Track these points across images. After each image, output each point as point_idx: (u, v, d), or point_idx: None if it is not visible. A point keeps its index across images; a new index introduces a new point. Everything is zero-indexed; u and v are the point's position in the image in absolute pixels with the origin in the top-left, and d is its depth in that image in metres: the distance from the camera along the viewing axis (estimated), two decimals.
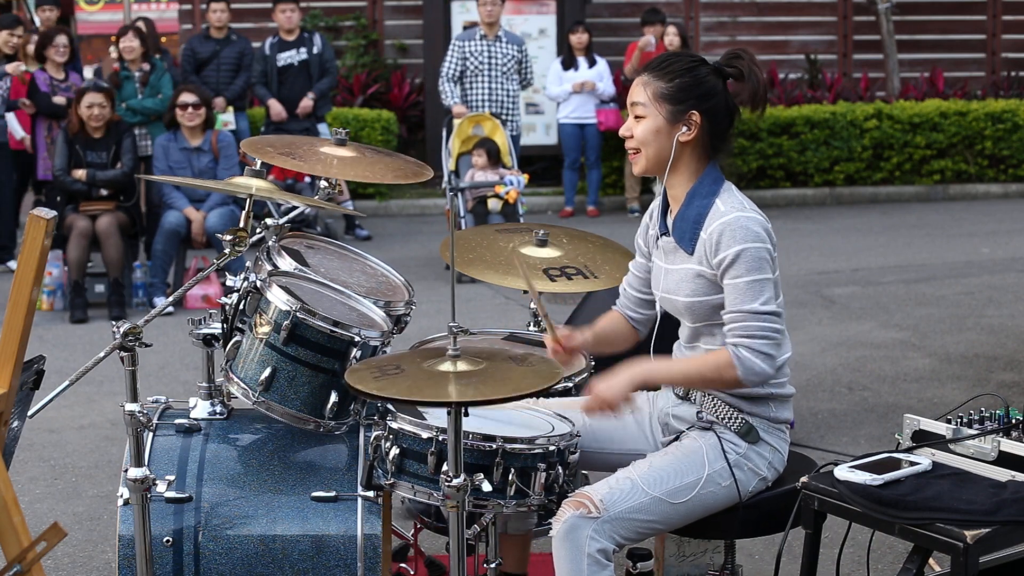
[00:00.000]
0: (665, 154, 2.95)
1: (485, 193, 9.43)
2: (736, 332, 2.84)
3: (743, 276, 2.83)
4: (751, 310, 2.83)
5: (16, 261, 4.93)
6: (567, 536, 2.80)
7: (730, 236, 2.84)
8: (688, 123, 2.92)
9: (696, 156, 2.96)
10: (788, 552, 3.29)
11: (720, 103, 2.94)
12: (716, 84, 2.94)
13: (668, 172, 2.98)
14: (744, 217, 2.86)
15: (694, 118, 2.91)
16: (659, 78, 2.94)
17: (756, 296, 2.83)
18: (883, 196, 12.75)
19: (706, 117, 2.92)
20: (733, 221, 2.85)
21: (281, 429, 3.19)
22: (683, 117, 2.92)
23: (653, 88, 2.93)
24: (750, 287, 2.83)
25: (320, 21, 13.75)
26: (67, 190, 8.30)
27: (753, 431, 2.95)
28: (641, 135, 2.95)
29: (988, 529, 2.56)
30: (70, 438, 5.58)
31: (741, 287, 2.84)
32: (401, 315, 3.33)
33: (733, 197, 2.93)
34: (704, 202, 2.92)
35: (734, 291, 2.85)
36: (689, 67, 2.94)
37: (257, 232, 3.30)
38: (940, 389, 6.08)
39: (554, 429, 3.01)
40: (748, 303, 2.83)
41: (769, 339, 2.83)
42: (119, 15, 14.99)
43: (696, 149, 2.95)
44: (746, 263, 2.83)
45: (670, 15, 12.88)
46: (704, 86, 2.93)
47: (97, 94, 8.33)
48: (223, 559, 3.02)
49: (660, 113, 2.93)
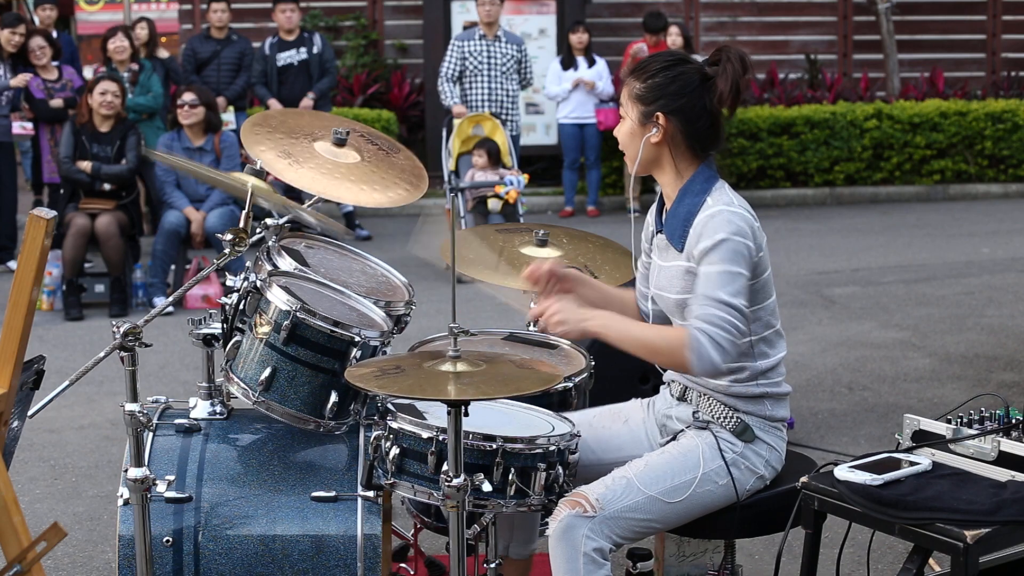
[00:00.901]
0: (643, 155, 2.96)
1: (485, 193, 9.43)
2: (698, 316, 2.78)
3: (716, 264, 2.80)
4: (717, 298, 2.77)
5: (16, 261, 4.94)
6: (563, 535, 2.80)
7: (713, 226, 2.83)
8: (655, 124, 2.91)
9: (679, 155, 2.94)
10: (788, 552, 3.29)
11: (694, 102, 2.90)
12: (689, 83, 2.90)
13: (656, 171, 2.99)
14: (729, 211, 2.85)
15: (659, 120, 2.90)
16: (637, 79, 2.95)
17: (725, 285, 2.78)
18: (883, 196, 12.75)
19: (676, 117, 2.90)
20: (718, 213, 2.85)
21: (281, 429, 3.20)
22: (651, 118, 2.92)
23: (630, 88, 2.96)
24: (721, 276, 2.79)
25: (320, 21, 13.75)
26: (71, 179, 8.32)
27: (749, 430, 2.94)
28: (621, 137, 3.00)
29: (988, 529, 2.56)
30: (70, 438, 5.58)
31: (712, 275, 2.80)
32: (401, 315, 3.33)
33: (724, 195, 2.91)
34: (695, 200, 2.91)
35: (705, 278, 2.81)
36: (664, 66, 2.92)
37: (257, 232, 3.30)
38: (940, 389, 6.08)
39: (554, 429, 3.02)
40: (715, 290, 2.78)
41: (728, 332, 2.77)
42: (119, 15, 14.96)
43: (677, 148, 2.94)
44: (722, 253, 2.80)
45: (670, 15, 12.88)
46: (674, 85, 2.90)
47: (111, 83, 8.39)
48: (223, 559, 3.02)
49: (631, 115, 2.95)
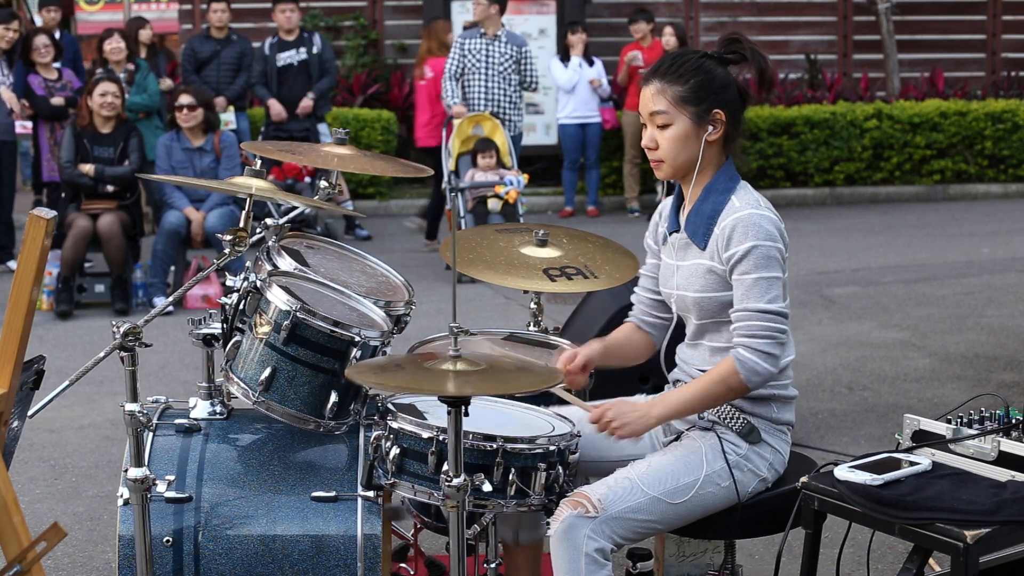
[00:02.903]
0: (694, 157, 2.93)
1: (485, 193, 9.42)
2: (740, 331, 2.84)
3: (751, 273, 2.83)
4: (757, 308, 2.82)
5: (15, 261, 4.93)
6: (565, 535, 2.80)
7: (742, 232, 2.84)
8: (714, 121, 2.91)
9: (717, 152, 2.96)
10: (788, 552, 3.29)
11: (734, 92, 2.94)
12: (726, 74, 2.94)
13: (689, 172, 2.96)
14: (758, 215, 2.86)
15: (719, 116, 2.91)
16: (674, 82, 2.91)
17: (763, 294, 2.82)
18: (883, 196, 12.76)
19: (727, 111, 2.92)
20: (747, 218, 2.85)
21: (281, 429, 3.19)
22: (708, 116, 2.91)
23: (671, 93, 2.90)
24: (757, 284, 2.82)
25: (320, 21, 13.75)
26: (73, 183, 8.31)
27: (755, 431, 2.95)
28: (669, 144, 2.92)
29: (988, 529, 2.56)
30: (70, 438, 5.58)
31: (748, 283, 2.83)
32: (401, 315, 3.33)
33: (749, 195, 2.92)
34: (720, 198, 2.91)
35: (741, 287, 2.85)
36: (699, 65, 2.93)
37: (257, 232, 3.30)
38: (940, 389, 6.08)
39: (554, 429, 3.02)
40: (754, 301, 2.82)
41: (772, 339, 2.82)
42: (119, 15, 14.97)
43: (717, 145, 2.95)
44: (755, 260, 2.82)
45: (670, 15, 12.89)
46: (718, 80, 2.92)
47: (110, 83, 8.38)
48: (223, 559, 3.02)
49: (685, 116, 2.91)
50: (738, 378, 2.83)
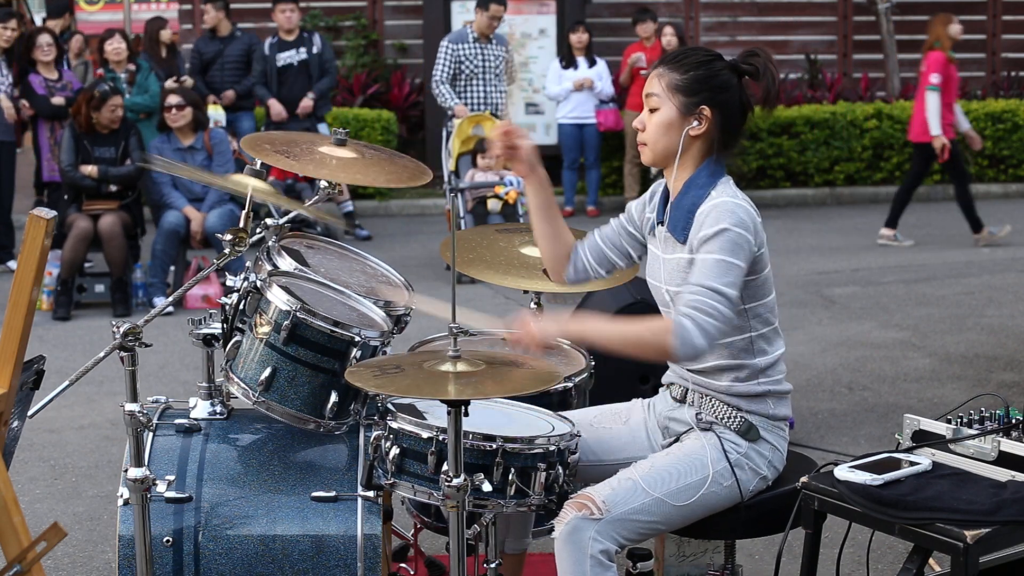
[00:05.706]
0: (674, 147, 2.93)
1: (485, 193, 9.42)
2: (690, 304, 2.77)
3: (715, 253, 2.79)
4: (712, 287, 2.77)
5: (16, 261, 4.93)
6: (569, 538, 2.80)
7: (716, 216, 2.82)
8: (699, 117, 2.91)
9: (702, 150, 2.95)
10: (788, 552, 3.29)
11: (733, 99, 2.94)
12: (731, 79, 2.94)
13: (671, 164, 2.96)
14: (734, 203, 2.85)
15: (705, 112, 2.91)
16: (674, 70, 2.93)
17: (721, 276, 2.78)
18: (883, 196, 12.74)
19: (718, 111, 2.92)
20: (723, 204, 2.85)
21: (281, 429, 3.19)
22: (695, 110, 2.91)
23: (668, 79, 2.93)
24: (718, 264, 2.78)
25: (320, 21, 13.74)
26: (76, 186, 8.31)
27: (753, 429, 2.94)
28: (653, 128, 2.95)
29: (988, 529, 2.56)
30: (70, 438, 5.58)
31: (710, 263, 2.79)
32: (401, 315, 3.33)
33: (728, 188, 2.91)
34: (700, 192, 2.91)
35: (701, 265, 2.80)
36: (705, 60, 2.94)
37: (257, 232, 3.30)
38: (940, 389, 6.08)
39: (554, 429, 3.02)
40: (711, 280, 2.77)
41: (715, 318, 2.76)
42: (119, 15, 14.98)
43: (704, 143, 2.94)
44: (722, 242, 2.80)
45: (670, 15, 12.89)
46: (718, 79, 2.92)
47: (118, 96, 8.41)
48: (223, 559, 3.02)
49: (673, 104, 2.92)
50: (669, 341, 2.74)
